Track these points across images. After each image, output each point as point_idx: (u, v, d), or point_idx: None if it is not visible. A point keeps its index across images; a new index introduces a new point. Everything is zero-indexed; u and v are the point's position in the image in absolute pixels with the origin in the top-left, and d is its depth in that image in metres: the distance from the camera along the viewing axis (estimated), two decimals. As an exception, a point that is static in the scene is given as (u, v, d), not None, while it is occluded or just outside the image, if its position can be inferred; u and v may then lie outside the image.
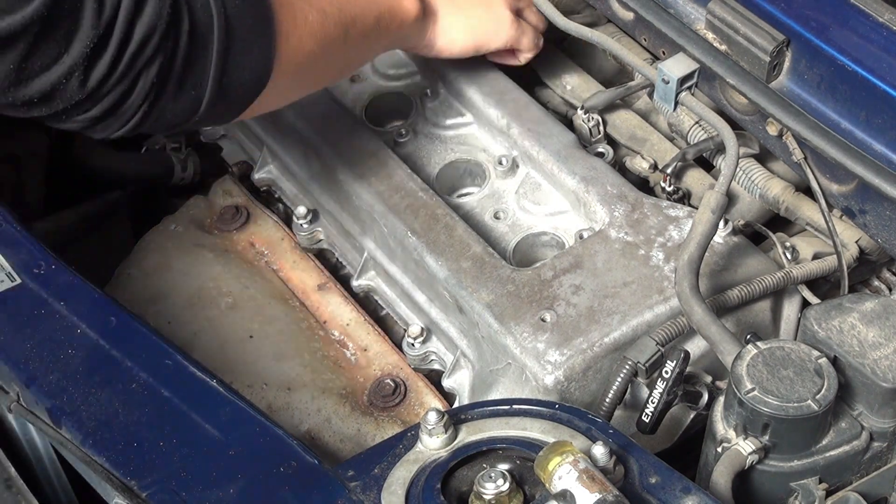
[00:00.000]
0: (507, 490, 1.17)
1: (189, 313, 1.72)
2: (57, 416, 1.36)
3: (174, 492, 1.26)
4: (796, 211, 1.64)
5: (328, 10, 1.50)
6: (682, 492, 1.20)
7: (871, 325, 1.33)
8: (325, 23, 1.49)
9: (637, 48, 1.76)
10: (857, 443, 1.32)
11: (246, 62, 1.37)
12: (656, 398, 1.39)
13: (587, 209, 1.63)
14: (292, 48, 1.43)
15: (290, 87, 1.53)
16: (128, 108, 1.29)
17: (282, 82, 1.44)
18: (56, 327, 1.43)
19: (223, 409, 1.35)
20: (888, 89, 1.43)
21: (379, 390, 1.64)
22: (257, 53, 1.38)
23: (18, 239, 1.53)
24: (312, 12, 1.47)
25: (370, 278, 1.73)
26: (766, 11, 1.52)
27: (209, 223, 1.86)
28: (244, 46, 1.36)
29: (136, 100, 1.29)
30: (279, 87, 1.45)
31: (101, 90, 1.26)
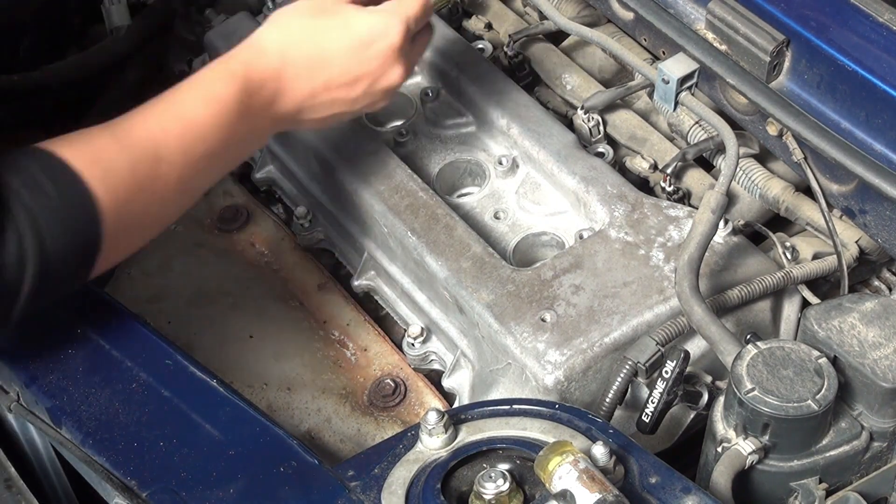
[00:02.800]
0: (507, 490, 1.17)
1: (189, 313, 1.72)
2: (57, 416, 1.36)
3: (174, 492, 1.26)
4: (796, 211, 1.64)
5: (170, 196, 1.39)
6: (682, 492, 1.20)
7: (871, 325, 1.33)
8: (162, 204, 1.39)
9: (637, 48, 1.76)
10: (857, 443, 1.32)
11: (60, 289, 1.32)
12: (656, 398, 1.39)
13: (587, 209, 1.63)
14: (120, 244, 1.36)
15: (134, 239, 1.41)
16: None
17: (110, 261, 1.36)
18: (56, 327, 1.43)
19: (223, 409, 1.35)
20: (888, 89, 1.43)
21: (379, 390, 1.64)
22: (73, 279, 1.33)
23: (18, 239, 1.53)
24: (153, 205, 1.37)
25: (370, 278, 1.73)
26: (766, 11, 1.52)
27: (209, 223, 1.86)
28: (59, 283, 1.31)
29: None
30: (107, 263, 1.36)
31: None
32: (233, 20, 1.94)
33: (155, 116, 1.40)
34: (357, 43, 1.48)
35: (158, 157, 1.37)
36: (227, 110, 1.43)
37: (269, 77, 1.46)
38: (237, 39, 1.77)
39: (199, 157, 1.40)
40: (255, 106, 1.45)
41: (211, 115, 1.42)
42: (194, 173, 1.41)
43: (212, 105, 1.43)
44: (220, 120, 1.42)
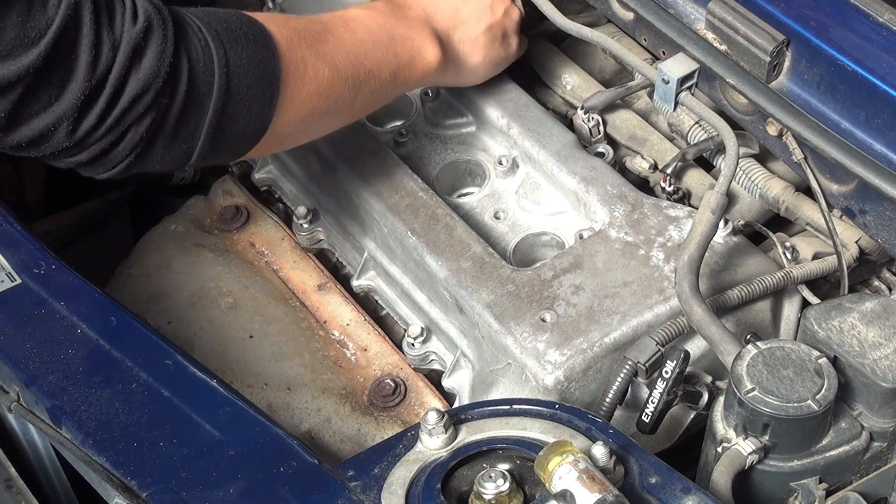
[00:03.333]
0: (507, 490, 1.17)
1: (189, 313, 1.72)
2: (57, 416, 1.36)
3: (174, 492, 1.26)
4: (796, 211, 1.64)
5: (341, 66, 1.48)
6: (682, 492, 1.20)
7: (871, 325, 1.33)
8: (335, 80, 1.47)
9: (637, 48, 1.76)
10: (857, 443, 1.32)
11: (242, 120, 1.37)
12: (656, 398, 1.39)
13: (587, 209, 1.63)
14: (296, 106, 1.43)
15: (288, 139, 1.53)
16: (115, 156, 1.31)
17: (280, 135, 1.45)
18: (56, 327, 1.43)
19: (223, 409, 1.35)
20: (888, 89, 1.43)
21: (379, 390, 1.64)
22: (256, 112, 1.38)
23: (18, 239, 1.53)
24: (324, 69, 1.45)
25: (370, 278, 1.73)
26: (766, 11, 1.52)
27: (209, 223, 1.86)
28: (243, 106, 1.36)
29: (123, 150, 1.30)
30: (277, 139, 1.45)
31: (88, 139, 1.27)
32: (233, 20, 1.94)
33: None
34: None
35: (326, 27, 1.49)
36: (382, 9, 1.59)
37: (413, 1, 1.63)
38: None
39: (362, 38, 1.52)
40: (410, 14, 1.61)
41: (368, 10, 1.58)
42: (362, 53, 1.51)
43: (367, 8, 1.59)
44: (378, 15, 1.57)
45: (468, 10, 1.67)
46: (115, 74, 1.24)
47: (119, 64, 1.24)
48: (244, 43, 1.36)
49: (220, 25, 1.35)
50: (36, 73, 1.20)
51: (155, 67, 1.26)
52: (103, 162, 1.31)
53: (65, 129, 1.25)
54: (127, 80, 1.25)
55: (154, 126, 1.29)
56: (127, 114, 1.27)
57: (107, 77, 1.24)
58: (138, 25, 1.26)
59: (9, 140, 1.25)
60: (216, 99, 1.33)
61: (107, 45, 1.23)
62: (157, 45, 1.27)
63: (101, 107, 1.25)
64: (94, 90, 1.24)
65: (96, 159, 1.30)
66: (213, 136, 1.34)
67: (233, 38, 1.35)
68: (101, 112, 1.25)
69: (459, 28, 1.66)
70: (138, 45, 1.26)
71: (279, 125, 1.41)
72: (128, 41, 1.25)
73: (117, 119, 1.26)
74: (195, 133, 1.33)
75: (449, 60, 1.64)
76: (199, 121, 1.33)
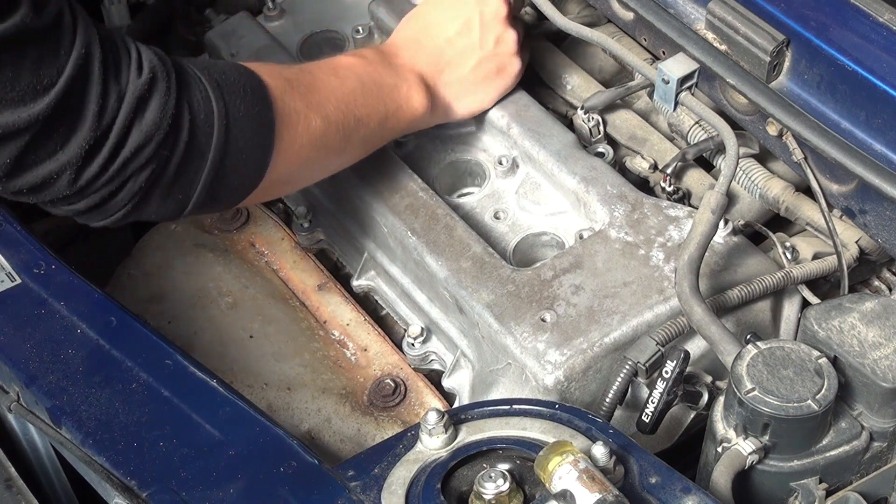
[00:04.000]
0: (507, 490, 1.17)
1: (189, 313, 1.72)
2: (57, 416, 1.36)
3: (174, 492, 1.26)
4: (796, 211, 1.64)
5: (332, 117, 1.49)
6: (682, 492, 1.20)
7: (871, 325, 1.33)
8: (326, 130, 1.48)
9: (637, 48, 1.76)
10: (857, 443, 1.32)
11: (239, 171, 1.39)
12: (656, 398, 1.39)
13: (587, 209, 1.63)
14: (290, 157, 1.44)
15: (281, 188, 1.56)
16: (113, 206, 1.32)
17: (273, 184, 1.46)
18: (56, 327, 1.43)
19: (223, 409, 1.35)
20: (888, 89, 1.43)
21: (379, 390, 1.64)
22: (252, 164, 1.40)
23: (18, 239, 1.53)
24: (316, 119, 1.47)
25: (370, 278, 1.73)
26: (766, 11, 1.52)
27: (209, 223, 1.86)
28: (240, 158, 1.37)
29: (121, 200, 1.31)
30: (269, 188, 1.46)
31: (89, 188, 1.28)
32: (233, 20, 1.94)
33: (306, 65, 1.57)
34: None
35: (316, 76, 1.51)
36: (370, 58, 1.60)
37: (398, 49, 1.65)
38: (237, 39, 1.80)
39: (352, 87, 1.54)
40: (396, 63, 1.62)
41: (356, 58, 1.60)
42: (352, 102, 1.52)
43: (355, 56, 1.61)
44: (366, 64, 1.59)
45: (453, 52, 1.66)
46: (119, 125, 1.25)
47: (123, 115, 1.25)
48: (242, 95, 1.37)
49: (219, 77, 1.36)
50: (45, 120, 1.21)
51: (158, 119, 1.27)
52: (101, 211, 1.32)
53: (67, 177, 1.25)
54: (130, 130, 1.26)
55: (153, 177, 1.30)
56: (129, 164, 1.27)
57: (111, 127, 1.25)
58: (143, 77, 1.27)
59: (10, 186, 1.26)
60: (215, 150, 1.34)
61: (113, 95, 1.24)
62: (161, 96, 1.28)
63: (104, 157, 1.26)
64: (99, 140, 1.25)
65: (95, 208, 1.31)
66: (210, 186, 1.36)
67: (232, 89, 1.36)
68: (103, 162, 1.26)
69: (445, 72, 1.66)
70: (142, 97, 1.26)
71: (273, 175, 1.43)
72: (132, 92, 1.26)
73: (119, 169, 1.27)
74: (192, 184, 1.34)
75: (437, 105, 1.66)
76: (197, 172, 1.34)
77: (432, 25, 1.67)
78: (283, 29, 1.94)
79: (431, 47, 1.66)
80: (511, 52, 1.70)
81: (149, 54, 1.29)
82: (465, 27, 1.67)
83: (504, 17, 1.69)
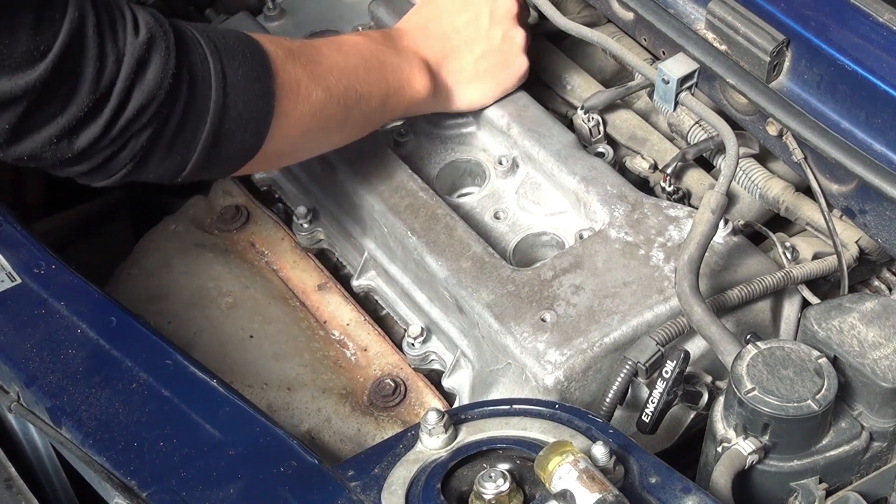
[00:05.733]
0: (507, 490, 1.17)
1: (189, 313, 1.72)
2: (57, 416, 1.36)
3: (174, 492, 1.26)
4: (796, 211, 1.64)
5: (334, 90, 1.50)
6: (682, 492, 1.20)
7: (871, 325, 1.33)
8: (327, 102, 1.49)
9: (637, 48, 1.76)
10: (857, 443, 1.32)
11: (237, 136, 1.39)
12: (656, 398, 1.39)
13: (587, 209, 1.63)
14: (289, 126, 1.45)
15: (280, 158, 1.57)
16: (114, 166, 1.32)
17: (272, 153, 1.47)
18: (56, 327, 1.43)
19: (223, 409, 1.35)
20: (888, 89, 1.43)
21: (379, 390, 1.64)
22: (251, 130, 1.40)
23: (18, 239, 1.53)
24: (317, 91, 1.47)
25: (370, 278, 1.73)
26: (766, 11, 1.52)
27: (209, 223, 1.86)
28: (239, 123, 1.38)
29: (123, 160, 1.31)
30: (268, 157, 1.47)
31: (90, 150, 1.28)
32: (233, 20, 1.94)
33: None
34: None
35: (319, 49, 1.51)
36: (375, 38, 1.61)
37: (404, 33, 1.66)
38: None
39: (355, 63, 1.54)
40: (401, 45, 1.62)
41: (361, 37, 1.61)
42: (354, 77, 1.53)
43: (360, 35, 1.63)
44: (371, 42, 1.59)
45: (459, 40, 1.68)
46: (120, 87, 1.26)
47: (123, 76, 1.25)
48: (241, 59, 1.38)
49: (218, 41, 1.37)
50: (43, 86, 1.21)
51: (159, 79, 1.28)
52: (102, 171, 1.33)
53: (68, 140, 1.26)
54: (132, 92, 1.27)
55: (153, 137, 1.31)
56: (131, 125, 1.28)
57: (111, 89, 1.25)
58: (141, 37, 1.27)
59: (12, 152, 1.26)
60: (213, 113, 1.34)
61: (111, 57, 1.25)
62: (161, 56, 1.28)
63: (106, 119, 1.26)
64: (98, 102, 1.25)
65: (96, 169, 1.32)
66: (209, 149, 1.36)
67: (230, 53, 1.37)
68: (105, 124, 1.26)
69: (450, 58, 1.67)
70: (142, 57, 1.27)
71: (272, 143, 1.43)
72: (131, 53, 1.26)
73: (121, 131, 1.28)
74: (191, 145, 1.35)
75: (439, 90, 1.66)
76: (195, 133, 1.34)
77: (442, 13, 1.69)
78: (283, 29, 1.94)
79: (438, 33, 1.67)
80: (517, 50, 1.71)
81: (145, 16, 1.30)
82: (474, 18, 1.68)
83: (514, 15, 1.70)
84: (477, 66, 1.69)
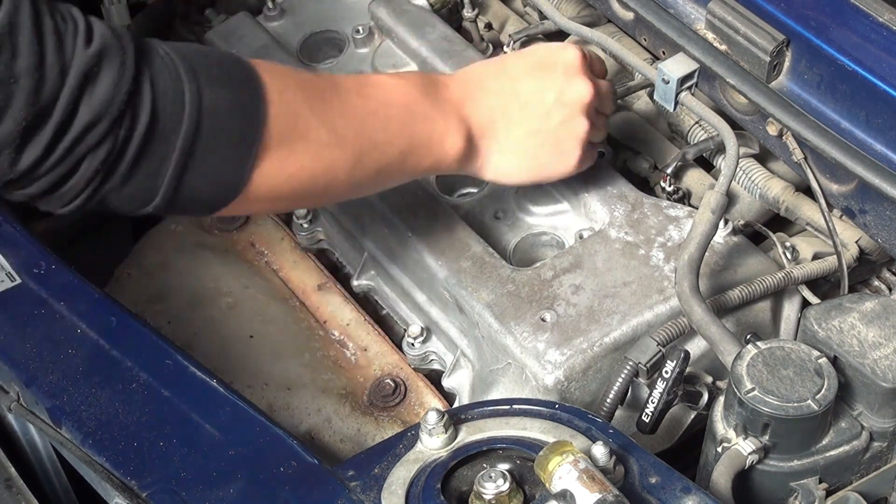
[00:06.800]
0: (507, 490, 1.17)
1: (189, 313, 1.72)
2: (57, 416, 1.36)
3: (174, 492, 1.26)
4: (796, 211, 1.64)
5: (341, 131, 1.35)
6: (682, 492, 1.20)
7: (871, 325, 1.33)
8: (331, 144, 1.34)
9: (637, 48, 1.76)
10: (857, 443, 1.32)
11: (214, 167, 1.26)
12: (656, 398, 1.39)
13: (587, 209, 1.63)
14: (280, 163, 1.30)
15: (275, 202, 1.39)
16: (69, 190, 1.20)
17: (264, 195, 1.31)
18: (56, 327, 1.43)
19: (223, 409, 1.35)
20: (888, 89, 1.43)
21: (379, 390, 1.64)
22: (231, 161, 1.27)
23: (18, 239, 1.53)
24: (320, 129, 1.33)
25: (370, 278, 1.73)
26: (766, 11, 1.52)
27: (209, 223, 1.86)
28: (216, 152, 1.25)
29: (77, 183, 1.20)
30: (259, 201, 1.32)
31: (36, 170, 1.17)
32: (233, 20, 1.94)
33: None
34: (535, 59, 1.54)
35: (335, 87, 1.38)
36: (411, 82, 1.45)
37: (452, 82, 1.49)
38: (237, 39, 1.77)
39: (374, 108, 1.39)
40: (443, 95, 1.46)
41: (394, 79, 1.45)
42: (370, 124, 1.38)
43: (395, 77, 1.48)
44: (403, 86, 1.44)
45: (516, 106, 1.50)
46: (64, 100, 1.15)
47: (69, 88, 1.15)
48: (225, 82, 1.26)
49: (198, 61, 1.25)
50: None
51: (110, 95, 1.17)
52: (57, 196, 1.21)
53: (7, 157, 1.15)
54: (78, 106, 1.15)
55: (111, 159, 1.19)
56: (78, 143, 1.16)
57: (54, 103, 1.14)
58: (92, 49, 1.17)
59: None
60: (184, 136, 1.21)
61: (54, 68, 1.14)
62: (115, 71, 1.17)
63: (48, 136, 1.15)
64: (39, 117, 1.14)
65: (48, 192, 1.21)
66: (180, 178, 1.23)
67: (212, 75, 1.25)
68: (48, 141, 1.15)
69: (498, 124, 1.50)
70: (90, 70, 1.15)
71: (258, 181, 1.29)
72: (78, 65, 1.15)
73: (67, 149, 1.17)
74: (159, 171, 1.22)
75: (473, 156, 1.50)
76: (163, 158, 1.21)
77: (507, 71, 1.52)
78: (283, 29, 1.94)
79: (495, 91, 1.50)
80: (574, 142, 1.53)
81: (102, 28, 1.19)
82: (541, 90, 1.51)
83: (584, 105, 1.52)
84: (525, 142, 1.51)
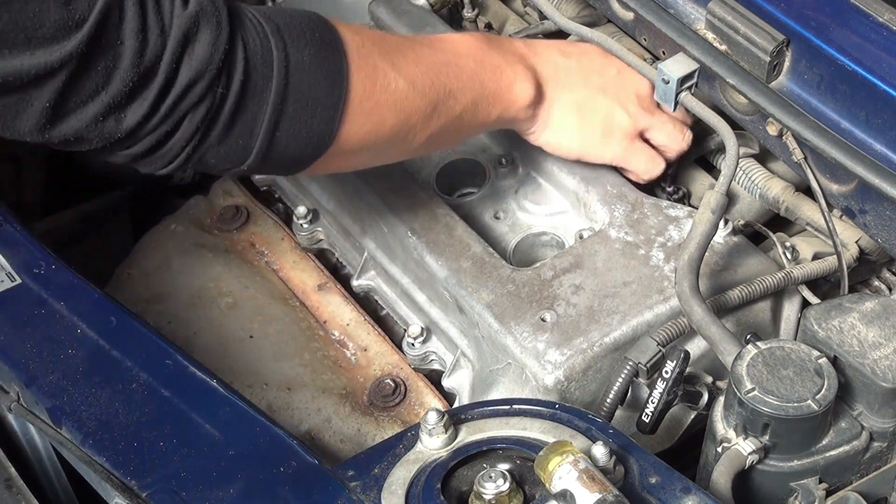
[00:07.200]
0: (507, 490, 1.17)
1: (189, 313, 1.72)
2: (57, 416, 1.36)
3: (174, 492, 1.26)
4: (796, 211, 1.64)
5: (418, 81, 1.40)
6: (682, 492, 1.20)
7: (871, 325, 1.33)
8: (410, 93, 1.39)
9: (637, 48, 1.76)
10: (857, 443, 1.32)
11: (305, 123, 1.31)
12: (656, 398, 1.39)
13: (587, 209, 1.63)
14: (364, 114, 1.36)
15: (356, 154, 1.43)
16: (170, 148, 1.26)
17: (350, 148, 1.37)
18: (56, 327, 1.43)
19: (223, 409, 1.35)
20: (888, 89, 1.43)
21: (379, 390, 1.64)
22: (320, 116, 1.32)
23: (18, 239, 1.53)
24: (399, 79, 1.38)
25: (370, 278, 1.73)
26: (766, 11, 1.52)
27: (209, 223, 1.86)
28: (305, 107, 1.30)
29: (178, 141, 1.25)
30: (344, 154, 1.38)
31: (140, 130, 1.23)
32: (233, 20, 1.94)
33: None
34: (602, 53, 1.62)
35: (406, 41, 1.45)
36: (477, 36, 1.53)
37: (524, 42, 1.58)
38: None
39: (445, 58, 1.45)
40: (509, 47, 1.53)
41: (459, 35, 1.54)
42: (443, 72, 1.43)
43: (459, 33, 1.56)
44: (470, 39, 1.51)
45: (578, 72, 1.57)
46: (167, 60, 1.20)
47: (170, 49, 1.20)
48: (308, 40, 1.31)
49: (282, 21, 1.30)
50: (80, 58, 1.15)
51: (209, 55, 1.22)
52: (159, 155, 1.26)
53: (114, 118, 1.20)
54: (179, 66, 1.21)
55: (210, 116, 1.24)
56: (181, 101, 1.22)
57: (157, 63, 1.20)
58: (189, 10, 1.21)
59: (56, 133, 1.20)
60: (275, 93, 1.27)
61: (155, 30, 1.19)
62: (211, 31, 1.22)
63: (153, 95, 1.20)
64: (144, 77, 1.19)
65: (151, 151, 1.25)
66: (271, 136, 1.29)
67: (296, 34, 1.30)
68: (153, 100, 1.21)
69: (562, 79, 1.55)
70: (189, 31, 1.21)
71: (346, 134, 1.35)
72: (178, 26, 1.20)
73: (171, 107, 1.22)
74: (253, 129, 1.28)
75: (538, 105, 1.54)
76: (256, 116, 1.28)
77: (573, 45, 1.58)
78: (283, 29, 1.93)
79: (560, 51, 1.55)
80: (620, 133, 1.60)
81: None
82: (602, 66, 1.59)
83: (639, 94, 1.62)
84: (582, 107, 1.56)
